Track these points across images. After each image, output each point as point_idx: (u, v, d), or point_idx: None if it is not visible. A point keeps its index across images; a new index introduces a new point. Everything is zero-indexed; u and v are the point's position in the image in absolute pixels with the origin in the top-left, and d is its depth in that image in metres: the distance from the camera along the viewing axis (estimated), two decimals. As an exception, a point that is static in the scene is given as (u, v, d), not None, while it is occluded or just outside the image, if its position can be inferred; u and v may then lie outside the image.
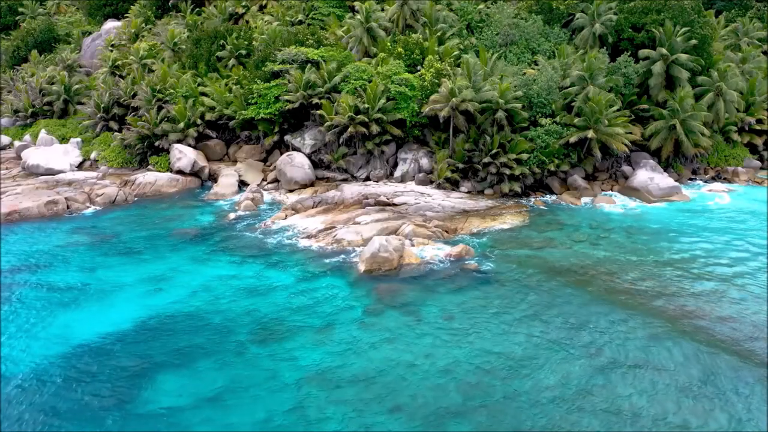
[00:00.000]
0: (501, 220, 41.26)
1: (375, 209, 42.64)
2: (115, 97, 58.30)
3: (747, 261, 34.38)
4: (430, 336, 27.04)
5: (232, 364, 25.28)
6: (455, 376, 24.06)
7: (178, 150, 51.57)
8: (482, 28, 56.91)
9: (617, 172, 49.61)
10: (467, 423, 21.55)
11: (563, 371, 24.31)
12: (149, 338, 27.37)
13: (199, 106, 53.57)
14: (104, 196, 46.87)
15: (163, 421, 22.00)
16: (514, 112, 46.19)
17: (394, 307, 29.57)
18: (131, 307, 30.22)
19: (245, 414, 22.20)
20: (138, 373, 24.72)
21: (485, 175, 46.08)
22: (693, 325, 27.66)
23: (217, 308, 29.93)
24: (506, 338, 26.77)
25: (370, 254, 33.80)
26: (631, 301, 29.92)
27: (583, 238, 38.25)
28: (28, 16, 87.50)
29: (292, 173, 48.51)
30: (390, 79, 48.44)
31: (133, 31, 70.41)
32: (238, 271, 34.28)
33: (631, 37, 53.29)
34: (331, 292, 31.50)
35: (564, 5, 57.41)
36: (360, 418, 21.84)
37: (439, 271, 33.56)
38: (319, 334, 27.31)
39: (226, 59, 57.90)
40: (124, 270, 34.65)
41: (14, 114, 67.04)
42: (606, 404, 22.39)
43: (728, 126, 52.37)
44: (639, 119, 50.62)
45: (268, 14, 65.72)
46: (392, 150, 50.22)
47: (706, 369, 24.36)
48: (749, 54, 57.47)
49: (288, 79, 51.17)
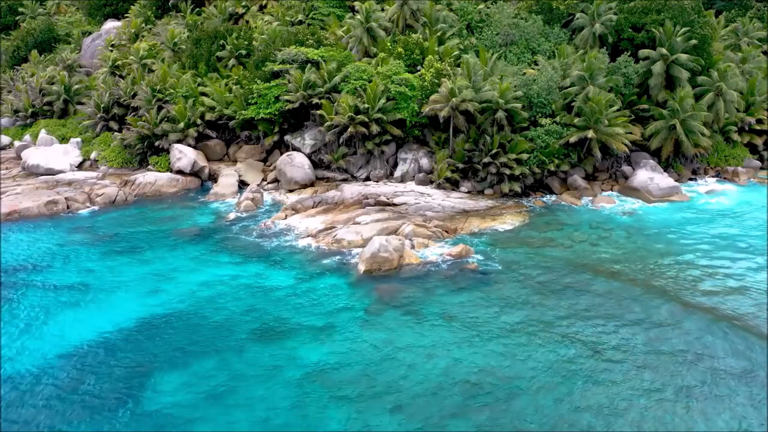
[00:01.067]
0: (501, 220, 41.27)
1: (375, 209, 42.64)
2: (115, 97, 58.32)
3: (746, 260, 34.38)
4: (430, 336, 27.05)
5: (233, 363, 25.29)
6: (455, 376, 24.07)
7: (178, 150, 51.58)
8: (482, 28, 56.92)
9: (617, 172, 49.60)
10: (467, 423, 21.56)
11: (563, 370, 24.33)
12: (149, 337, 27.40)
13: (199, 106, 53.58)
14: (104, 196, 46.88)
15: (163, 420, 22.00)
16: (514, 112, 46.20)
17: (394, 307, 29.59)
18: (131, 307, 30.25)
19: (246, 413, 22.21)
20: (138, 373, 24.73)
21: (485, 175, 46.08)
22: (692, 323, 27.69)
23: (218, 308, 29.95)
24: (506, 338, 26.79)
25: (370, 254, 33.81)
26: (631, 301, 29.94)
27: (583, 238, 38.27)
28: (28, 16, 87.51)
29: (292, 173, 48.51)
30: (390, 79, 48.44)
31: (133, 31, 70.43)
32: (239, 270, 34.28)
33: (631, 37, 53.30)
34: (331, 291, 31.51)
35: (564, 5, 57.42)
36: (360, 418, 21.85)
37: (439, 271, 33.57)
38: (320, 334, 27.34)
39: (226, 59, 57.92)
40: (124, 269, 34.67)
41: (14, 114, 67.03)
42: (606, 404, 22.40)
43: (728, 126, 52.37)
44: (639, 119, 50.62)
45: (268, 14, 65.74)
46: (392, 150, 50.23)
47: (706, 373, 24.41)
48: (749, 54, 57.48)
49: (288, 79, 51.18)
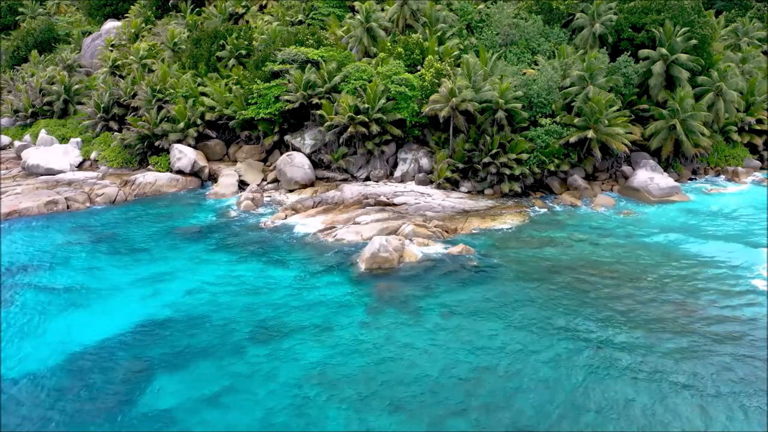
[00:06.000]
0: (501, 220, 41.27)
1: (375, 209, 42.64)
2: (115, 97, 58.35)
3: (746, 260, 34.35)
4: (430, 335, 27.06)
5: (232, 363, 25.28)
6: (455, 375, 24.08)
7: (178, 150, 51.58)
8: (482, 28, 56.93)
9: (617, 172, 49.60)
10: (467, 422, 21.56)
11: (564, 370, 24.33)
12: (149, 337, 27.39)
13: (199, 106, 53.58)
14: (104, 196, 46.89)
15: (163, 420, 21.99)
16: (514, 112, 46.19)
17: (394, 307, 29.59)
18: (131, 307, 30.25)
19: (245, 413, 22.21)
20: (138, 373, 24.71)
21: (485, 175, 46.08)
22: (691, 323, 27.70)
23: (217, 307, 29.94)
24: (506, 337, 26.79)
25: (370, 254, 33.83)
26: (631, 301, 29.92)
27: (583, 237, 38.26)
28: (28, 16, 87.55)
29: (292, 173, 48.51)
30: (390, 79, 48.43)
31: (133, 31, 70.44)
32: (238, 270, 34.29)
33: (631, 37, 53.31)
34: (331, 291, 31.52)
35: (564, 5, 57.42)
36: (360, 417, 21.85)
37: (439, 270, 33.55)
38: (319, 333, 27.34)
39: (226, 59, 57.93)
40: (123, 269, 34.67)
41: (14, 114, 67.05)
42: (607, 403, 22.40)
43: (728, 126, 52.39)
44: (639, 119, 50.65)
45: (268, 14, 65.77)
46: (392, 150, 50.23)
47: (705, 373, 24.44)
48: (749, 54, 57.50)
49: (288, 79, 51.18)
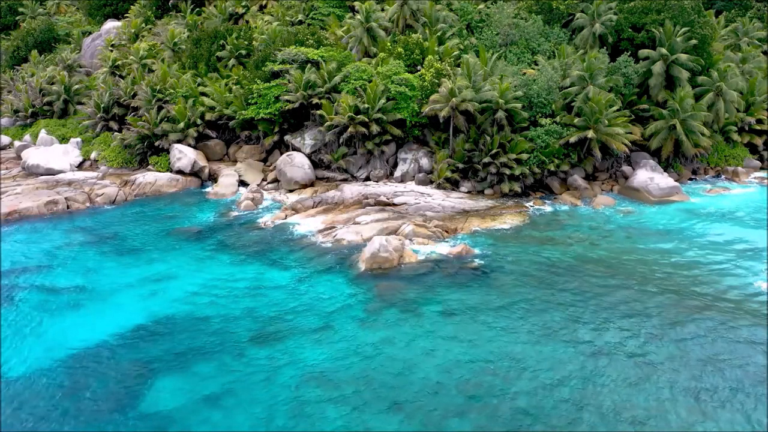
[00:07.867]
0: (501, 220, 41.26)
1: (375, 209, 42.64)
2: (115, 97, 58.35)
3: (745, 261, 34.37)
4: (430, 335, 27.06)
5: (232, 363, 25.27)
6: (455, 375, 24.07)
7: (178, 150, 51.58)
8: (482, 28, 56.92)
9: (617, 172, 49.59)
10: (467, 422, 21.55)
11: (564, 370, 24.32)
12: (149, 338, 27.38)
13: (199, 106, 53.58)
14: (104, 196, 46.89)
15: (163, 421, 21.99)
16: (514, 112, 46.19)
17: (394, 307, 29.58)
18: (131, 307, 30.24)
19: (245, 414, 22.20)
20: (138, 373, 24.71)
21: (485, 175, 46.07)
22: (692, 323, 27.68)
23: (217, 307, 29.94)
24: (506, 337, 26.78)
25: (370, 254, 33.83)
26: (631, 300, 29.91)
27: (583, 237, 38.27)
28: (28, 16, 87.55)
29: (292, 173, 48.50)
30: (390, 79, 48.43)
31: (133, 31, 70.45)
32: (238, 270, 34.29)
33: (631, 37, 53.30)
34: (330, 291, 31.51)
35: (564, 5, 57.41)
36: (360, 418, 21.83)
37: (439, 270, 33.55)
38: (319, 334, 27.34)
39: (226, 59, 57.93)
40: (123, 270, 34.66)
41: (14, 114, 67.06)
42: (606, 402, 22.38)
43: (728, 126, 52.39)
44: (639, 119, 50.64)
45: (268, 14, 65.77)
46: (392, 150, 50.22)
47: (707, 371, 24.40)
48: (749, 54, 57.50)
49: (288, 79, 51.17)
